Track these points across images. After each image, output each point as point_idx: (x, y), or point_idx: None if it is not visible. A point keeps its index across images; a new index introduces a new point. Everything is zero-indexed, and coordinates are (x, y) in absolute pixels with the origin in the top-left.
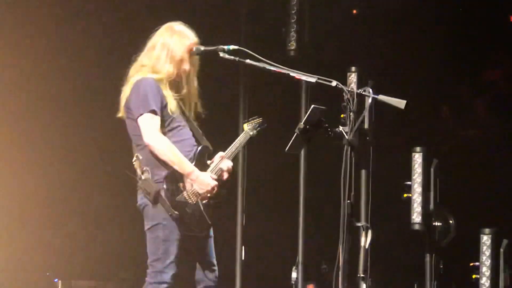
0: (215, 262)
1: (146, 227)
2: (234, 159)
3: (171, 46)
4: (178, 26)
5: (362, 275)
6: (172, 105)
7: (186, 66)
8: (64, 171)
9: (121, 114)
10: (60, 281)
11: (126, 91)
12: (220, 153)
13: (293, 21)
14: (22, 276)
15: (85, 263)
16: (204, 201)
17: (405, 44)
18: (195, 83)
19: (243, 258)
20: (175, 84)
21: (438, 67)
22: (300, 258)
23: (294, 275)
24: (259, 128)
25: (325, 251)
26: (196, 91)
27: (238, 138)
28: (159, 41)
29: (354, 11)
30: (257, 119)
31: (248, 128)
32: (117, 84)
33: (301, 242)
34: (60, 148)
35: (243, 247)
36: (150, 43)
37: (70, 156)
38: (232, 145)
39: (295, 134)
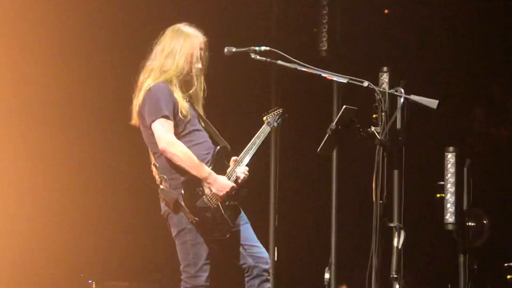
0: (259, 244)
1: (173, 234)
2: (265, 160)
3: (181, 47)
4: (185, 27)
5: (395, 276)
6: (183, 108)
7: (199, 64)
8: (97, 173)
9: (134, 121)
10: (94, 282)
11: (138, 98)
12: (233, 158)
13: (324, 21)
14: (56, 277)
15: (119, 264)
16: (225, 204)
17: (438, 44)
18: (203, 83)
19: (275, 259)
20: (185, 83)
21: (471, 66)
22: (332, 259)
23: (327, 275)
24: (279, 120)
25: (358, 252)
26: (202, 91)
27: (257, 134)
28: (167, 44)
29: (386, 11)
30: (277, 110)
31: (268, 121)
32: (132, 87)
33: (334, 242)
34: (94, 149)
35: (275, 248)
36: (158, 48)
37: (104, 159)
38: (249, 144)
39: (327, 134)
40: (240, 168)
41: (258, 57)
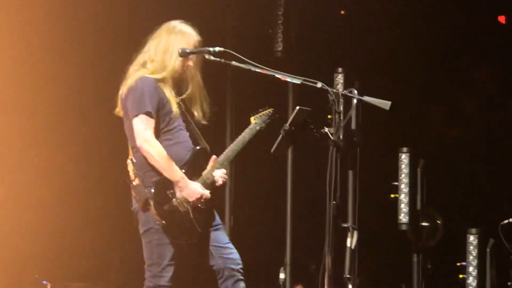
0: (231, 246)
1: (140, 232)
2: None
3: (175, 44)
4: (180, 25)
5: (348, 276)
6: (173, 105)
7: (190, 62)
8: (57, 172)
9: (117, 110)
10: (48, 284)
11: (124, 89)
12: (213, 157)
13: (280, 22)
14: (10, 278)
15: (74, 264)
16: (195, 208)
17: (394, 45)
18: (200, 81)
19: None
20: (179, 83)
21: (427, 68)
22: (288, 259)
23: (282, 276)
24: (268, 121)
25: (313, 252)
26: (203, 89)
27: (241, 134)
28: (162, 41)
29: (342, 12)
30: (267, 110)
31: (255, 122)
32: (116, 82)
33: (289, 242)
34: (54, 148)
35: None
36: (152, 43)
37: (64, 157)
38: (232, 143)
39: (281, 135)
40: (218, 172)
41: (212, 57)
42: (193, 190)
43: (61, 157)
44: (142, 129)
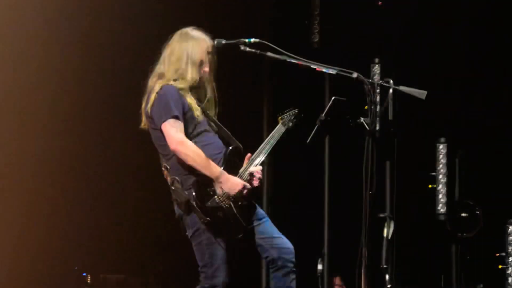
0: (282, 236)
1: (189, 236)
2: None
3: (189, 51)
4: (192, 31)
5: (385, 266)
6: (197, 111)
7: (206, 68)
8: (94, 165)
9: (143, 125)
10: (88, 275)
11: (147, 102)
12: (248, 155)
13: (316, 13)
14: (51, 270)
15: (114, 257)
16: (237, 203)
17: (430, 35)
18: (213, 85)
19: None
20: (198, 91)
21: (464, 57)
22: (325, 250)
23: (319, 266)
24: (295, 120)
25: (351, 243)
26: (215, 93)
27: (271, 133)
28: (176, 48)
29: (379, 3)
30: (292, 110)
31: (282, 121)
32: (138, 91)
33: (327, 233)
34: (89, 142)
35: None
36: (167, 51)
37: (100, 151)
38: (263, 143)
39: (316, 125)
40: (254, 168)
41: (248, 49)
42: (234, 182)
43: (101, 151)
44: (174, 132)
